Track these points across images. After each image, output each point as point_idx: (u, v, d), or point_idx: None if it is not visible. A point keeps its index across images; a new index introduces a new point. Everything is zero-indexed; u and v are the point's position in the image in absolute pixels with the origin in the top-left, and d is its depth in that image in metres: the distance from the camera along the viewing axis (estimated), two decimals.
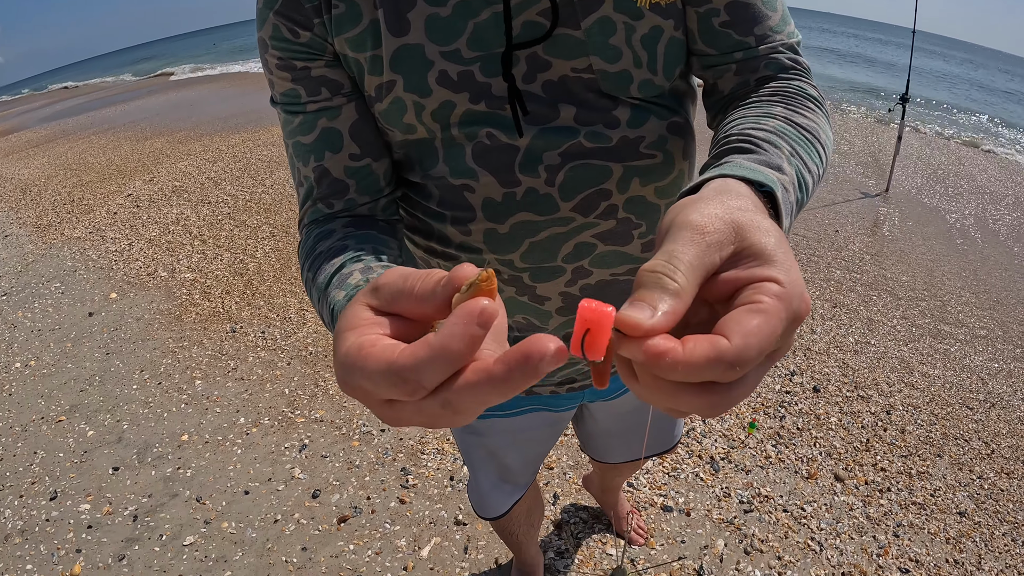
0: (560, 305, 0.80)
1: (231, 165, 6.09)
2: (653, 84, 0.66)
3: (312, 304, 0.63)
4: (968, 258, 4.41)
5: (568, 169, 0.68)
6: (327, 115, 0.68)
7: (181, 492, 2.18)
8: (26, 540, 2.01)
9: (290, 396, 2.69)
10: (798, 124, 0.56)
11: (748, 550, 1.94)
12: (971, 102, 12.71)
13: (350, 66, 0.66)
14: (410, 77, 0.64)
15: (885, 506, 2.14)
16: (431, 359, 0.29)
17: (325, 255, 0.61)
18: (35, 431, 2.52)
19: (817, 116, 0.60)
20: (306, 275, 0.64)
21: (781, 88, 0.63)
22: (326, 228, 0.68)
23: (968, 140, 8.19)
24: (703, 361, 0.29)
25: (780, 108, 0.59)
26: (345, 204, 0.71)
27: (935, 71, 19.69)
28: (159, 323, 3.29)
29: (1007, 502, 2.21)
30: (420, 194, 0.74)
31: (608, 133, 0.67)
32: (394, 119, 0.67)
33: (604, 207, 0.71)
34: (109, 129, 8.91)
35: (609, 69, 0.64)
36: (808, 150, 0.54)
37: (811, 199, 0.55)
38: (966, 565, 1.94)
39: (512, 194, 0.69)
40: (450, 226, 0.73)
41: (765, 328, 0.30)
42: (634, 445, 1.25)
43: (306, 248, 0.66)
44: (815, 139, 0.57)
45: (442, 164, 0.69)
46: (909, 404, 2.70)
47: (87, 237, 4.54)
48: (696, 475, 2.22)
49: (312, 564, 1.90)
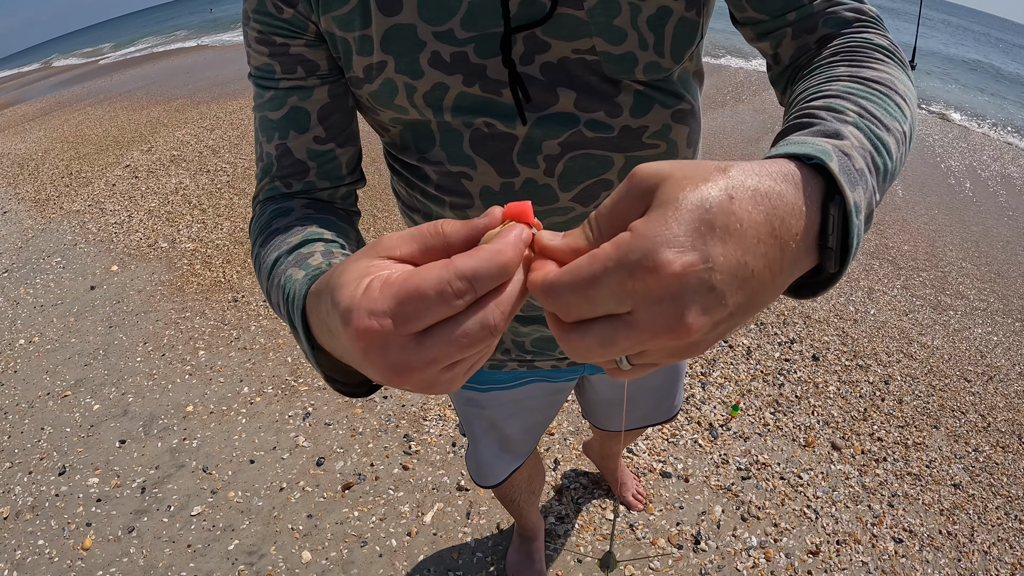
0: None
1: (229, 132, 6.04)
2: (660, 67, 0.64)
3: (258, 279, 0.60)
4: (970, 229, 4.40)
5: (568, 159, 0.67)
6: (299, 94, 0.67)
7: (187, 463, 2.21)
8: (37, 516, 2.04)
9: (293, 364, 2.71)
10: (866, 79, 0.49)
11: (745, 516, 1.97)
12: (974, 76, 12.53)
13: (336, 46, 0.64)
14: (401, 58, 0.63)
15: (881, 476, 2.17)
16: (489, 261, 0.31)
17: (281, 231, 0.60)
18: (41, 407, 2.54)
19: (889, 67, 0.52)
20: (256, 250, 0.62)
21: (843, 44, 0.56)
22: (284, 205, 0.67)
23: (972, 114, 8.10)
24: (537, 282, 0.32)
25: (843, 68, 0.52)
26: (304, 186, 0.70)
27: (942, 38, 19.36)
28: (161, 294, 3.30)
29: (1001, 475, 2.24)
30: (417, 176, 0.74)
31: (610, 123, 0.66)
32: (385, 101, 0.66)
33: (604, 197, 0.70)
34: (105, 100, 8.81)
35: (613, 51, 0.62)
36: (884, 104, 0.46)
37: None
38: (959, 536, 1.98)
39: (510, 184, 0.69)
40: (448, 211, 0.73)
41: (583, 267, 0.31)
42: (634, 414, 1.27)
43: (260, 223, 0.65)
44: (891, 90, 0.48)
45: (439, 149, 0.68)
46: (907, 375, 2.72)
47: (86, 210, 4.52)
48: (695, 442, 2.25)
49: (318, 531, 1.94)
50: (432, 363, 0.33)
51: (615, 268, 0.30)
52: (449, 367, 0.34)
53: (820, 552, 1.87)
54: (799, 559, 1.85)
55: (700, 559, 1.84)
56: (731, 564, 1.83)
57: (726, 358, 2.71)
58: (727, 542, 1.89)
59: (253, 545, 1.90)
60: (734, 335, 2.88)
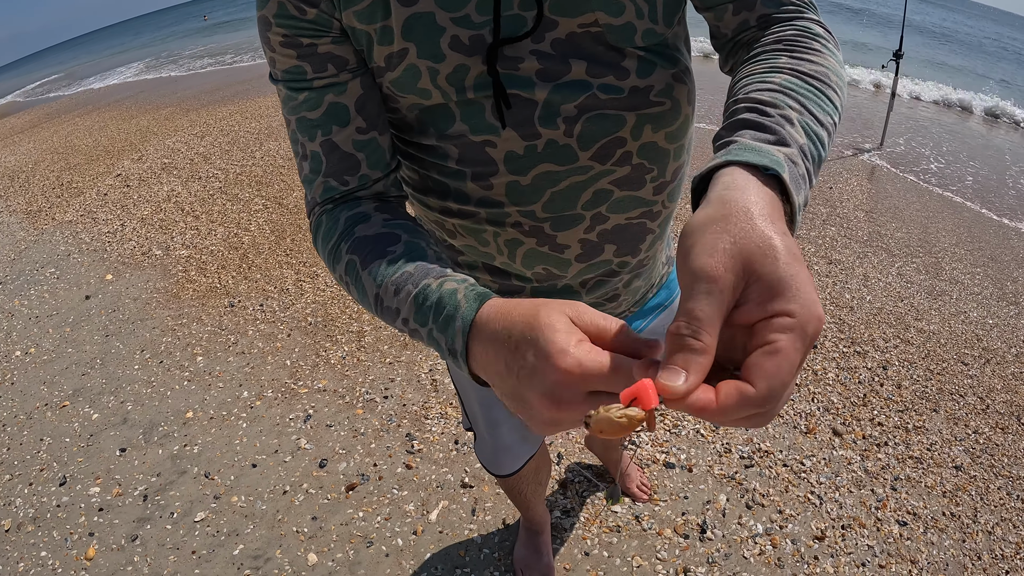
0: (579, 252, 0.82)
1: (220, 139, 6.02)
2: (655, 33, 0.68)
3: (352, 288, 0.65)
4: (962, 215, 4.43)
5: (585, 120, 0.70)
6: (334, 91, 0.68)
7: (189, 469, 2.20)
8: (39, 527, 2.02)
9: (292, 367, 2.70)
10: (805, 74, 0.57)
11: (750, 504, 1.98)
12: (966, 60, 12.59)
13: (358, 39, 0.67)
14: (423, 44, 0.65)
15: (883, 460, 2.18)
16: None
17: (374, 240, 0.64)
18: (40, 418, 2.52)
19: (824, 58, 0.60)
20: (347, 257, 0.65)
21: (784, 33, 0.63)
22: (358, 211, 0.69)
23: (962, 99, 8.14)
24: (735, 407, 0.36)
25: (785, 58, 0.59)
26: (359, 181, 0.72)
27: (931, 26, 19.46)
28: (157, 302, 3.29)
29: (1002, 456, 2.25)
30: (434, 155, 0.75)
31: (620, 84, 0.69)
32: (408, 86, 0.68)
33: (620, 154, 0.73)
34: (94, 110, 8.78)
35: (614, 22, 0.66)
36: (819, 101, 0.55)
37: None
38: (962, 518, 1.99)
39: (533, 146, 0.71)
40: (470, 182, 0.75)
41: (784, 366, 0.36)
42: None
43: (337, 230, 0.68)
44: (825, 86, 0.57)
45: (460, 123, 0.71)
46: (905, 360, 2.73)
47: (79, 220, 4.50)
48: (697, 432, 2.25)
49: (323, 533, 1.93)
50: (581, 413, 0.42)
51: (805, 347, 0.36)
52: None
53: (826, 537, 1.88)
54: (805, 544, 1.86)
55: (707, 548, 1.84)
56: (738, 552, 1.83)
57: None
58: (733, 530, 1.90)
59: (258, 549, 1.89)
60: None
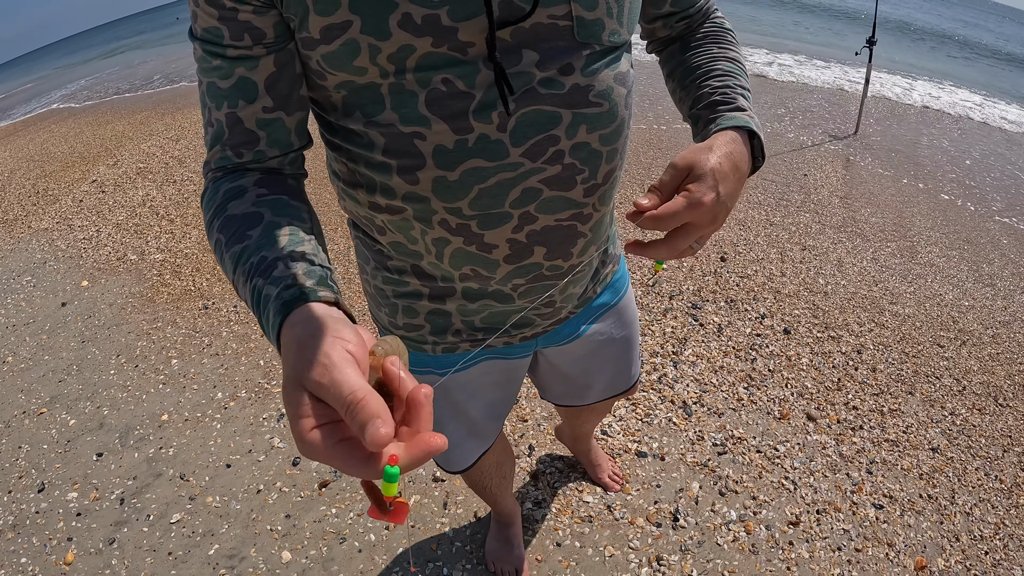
0: (508, 253, 0.79)
1: (195, 142, 5.97)
2: (620, 34, 0.70)
3: (217, 256, 0.67)
4: (938, 199, 4.46)
5: (520, 115, 0.68)
6: (245, 65, 0.67)
7: (165, 471, 2.19)
8: (18, 535, 2.01)
9: (265, 367, 2.69)
10: (733, 59, 0.86)
11: (723, 491, 1.99)
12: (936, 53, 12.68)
13: (291, 7, 0.63)
14: (369, 19, 0.62)
15: (858, 444, 2.20)
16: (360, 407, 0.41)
17: (239, 221, 0.64)
18: (18, 426, 2.50)
19: (736, 46, 0.89)
20: (216, 235, 0.66)
21: (711, 30, 0.90)
22: (237, 184, 0.69)
23: (935, 87, 8.20)
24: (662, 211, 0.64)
25: (717, 48, 0.87)
26: (255, 156, 0.71)
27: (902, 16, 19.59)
28: (132, 307, 3.26)
29: (979, 437, 2.27)
30: (360, 144, 0.73)
31: (562, 80, 0.68)
32: (342, 63, 0.65)
33: (551, 152, 0.72)
34: (69, 116, 8.68)
35: (586, 16, 0.67)
36: (744, 75, 0.84)
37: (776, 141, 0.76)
38: (939, 499, 2.00)
39: (464, 141, 0.69)
40: (396, 176, 0.73)
41: (671, 206, 0.64)
42: (593, 387, 1.27)
43: (215, 203, 0.68)
44: (742, 66, 0.86)
45: (389, 111, 0.68)
46: (880, 343, 2.75)
47: (55, 228, 4.45)
48: (669, 420, 2.26)
49: (296, 530, 1.93)
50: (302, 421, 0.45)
51: (688, 206, 0.64)
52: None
53: (800, 522, 1.89)
54: (779, 530, 1.87)
55: (680, 536, 1.85)
56: (711, 539, 1.84)
57: (697, 336, 2.73)
58: (706, 517, 1.90)
59: (233, 548, 1.89)
60: (704, 313, 2.90)
